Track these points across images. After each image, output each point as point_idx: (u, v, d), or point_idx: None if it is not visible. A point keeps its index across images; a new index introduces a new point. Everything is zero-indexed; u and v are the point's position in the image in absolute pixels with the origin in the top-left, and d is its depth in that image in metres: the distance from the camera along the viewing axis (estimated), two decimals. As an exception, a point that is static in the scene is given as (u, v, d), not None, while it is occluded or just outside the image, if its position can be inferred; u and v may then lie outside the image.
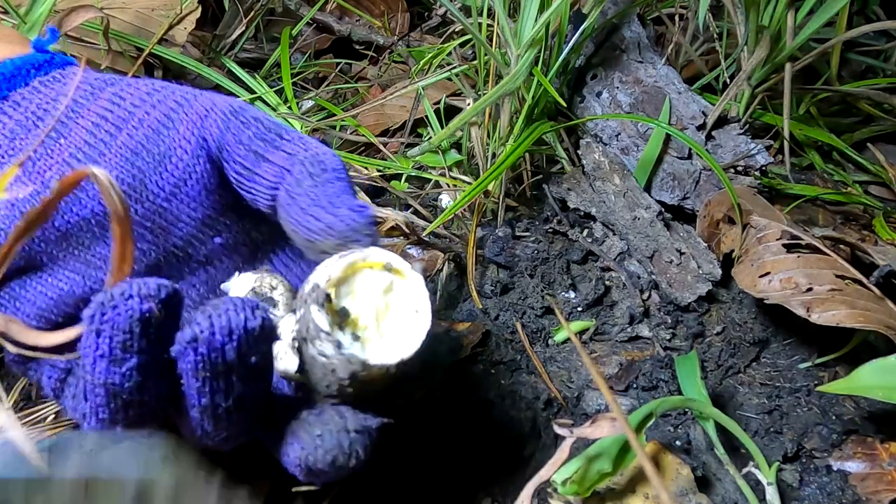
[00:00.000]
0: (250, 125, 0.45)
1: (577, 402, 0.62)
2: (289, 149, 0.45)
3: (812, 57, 0.85)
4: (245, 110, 0.46)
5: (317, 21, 1.21)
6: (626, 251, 0.74)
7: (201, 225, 0.47)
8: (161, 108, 0.46)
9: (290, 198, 0.43)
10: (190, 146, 0.45)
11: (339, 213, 0.42)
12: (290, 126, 0.48)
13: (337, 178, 0.43)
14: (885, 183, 0.94)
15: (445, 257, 0.73)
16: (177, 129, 0.45)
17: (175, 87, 0.48)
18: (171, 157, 0.45)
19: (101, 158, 0.44)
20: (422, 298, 0.40)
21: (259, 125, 0.46)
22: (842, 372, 0.65)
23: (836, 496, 0.56)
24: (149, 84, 0.48)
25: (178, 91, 0.47)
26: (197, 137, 0.45)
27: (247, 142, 0.45)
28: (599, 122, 0.83)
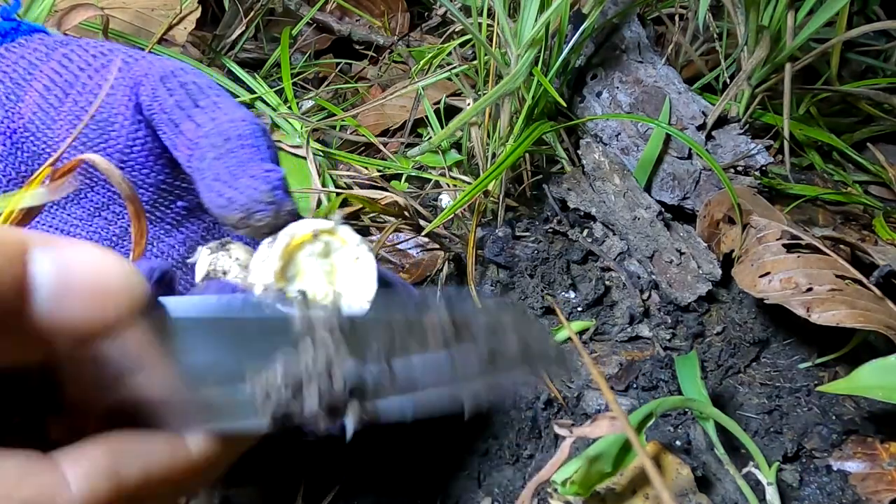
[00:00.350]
0: (174, 92, 0.44)
1: (577, 402, 0.62)
2: (199, 119, 0.42)
3: (812, 57, 0.85)
4: (175, 76, 0.44)
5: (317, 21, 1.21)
6: (626, 251, 0.74)
7: (159, 190, 0.46)
8: (103, 72, 0.45)
9: (197, 173, 0.41)
10: (129, 112, 0.44)
11: (239, 185, 0.39)
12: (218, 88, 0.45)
13: (241, 146, 0.41)
14: (885, 183, 0.94)
15: (445, 257, 0.73)
16: (115, 95, 0.44)
17: (120, 51, 0.47)
18: (113, 124, 0.44)
19: (53, 124, 0.44)
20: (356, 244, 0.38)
21: (182, 92, 0.44)
22: (842, 372, 0.65)
23: (836, 496, 0.55)
24: (97, 47, 0.47)
25: (122, 55, 0.46)
26: (134, 104, 0.44)
27: (168, 110, 0.43)
28: (599, 122, 0.83)
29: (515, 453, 0.57)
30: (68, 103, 0.45)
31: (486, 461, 0.57)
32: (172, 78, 0.45)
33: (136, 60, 0.46)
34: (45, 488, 0.22)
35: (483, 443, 0.58)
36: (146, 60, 0.46)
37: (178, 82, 0.44)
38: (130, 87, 0.45)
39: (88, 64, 0.46)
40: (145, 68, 0.45)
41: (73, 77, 0.45)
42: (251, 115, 0.44)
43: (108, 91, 0.44)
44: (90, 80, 0.45)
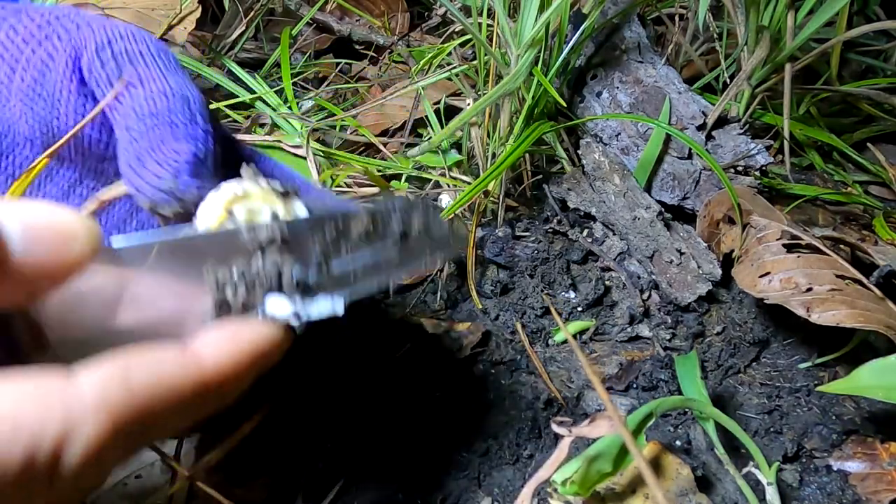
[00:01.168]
0: (106, 64, 0.41)
1: (577, 402, 0.62)
2: (122, 97, 0.40)
3: (812, 57, 0.85)
4: (110, 45, 0.42)
5: (317, 21, 1.21)
6: (626, 251, 0.74)
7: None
8: (46, 45, 0.43)
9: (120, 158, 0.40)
10: (73, 86, 0.42)
11: (145, 172, 0.37)
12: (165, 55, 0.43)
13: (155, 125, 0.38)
14: (885, 183, 0.94)
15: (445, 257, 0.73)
16: (57, 69, 0.42)
17: (65, 17, 0.44)
18: (59, 99, 0.42)
19: (7, 104, 0.43)
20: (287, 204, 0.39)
21: (112, 64, 0.41)
22: (842, 372, 0.65)
23: (836, 496, 0.55)
24: (44, 15, 0.44)
25: (64, 23, 0.43)
26: (78, 78, 0.42)
27: (102, 84, 0.41)
28: (599, 122, 0.83)
29: (515, 453, 0.57)
30: (16, 80, 0.42)
31: (486, 461, 0.57)
32: (106, 48, 0.42)
33: (77, 28, 0.43)
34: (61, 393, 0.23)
35: (483, 443, 0.58)
36: (88, 28, 0.43)
37: (110, 52, 0.42)
38: (72, 59, 0.42)
39: (32, 35, 0.43)
40: (85, 37, 0.42)
41: (18, 52, 0.43)
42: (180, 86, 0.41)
43: (51, 66, 0.42)
44: (34, 53, 0.43)
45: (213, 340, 0.29)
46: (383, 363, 0.62)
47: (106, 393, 0.24)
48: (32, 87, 0.42)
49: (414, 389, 0.61)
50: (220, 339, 0.29)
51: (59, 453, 0.23)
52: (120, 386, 0.25)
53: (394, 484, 0.54)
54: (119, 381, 0.25)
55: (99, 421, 0.24)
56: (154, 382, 0.26)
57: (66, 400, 0.23)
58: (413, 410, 0.60)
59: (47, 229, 0.26)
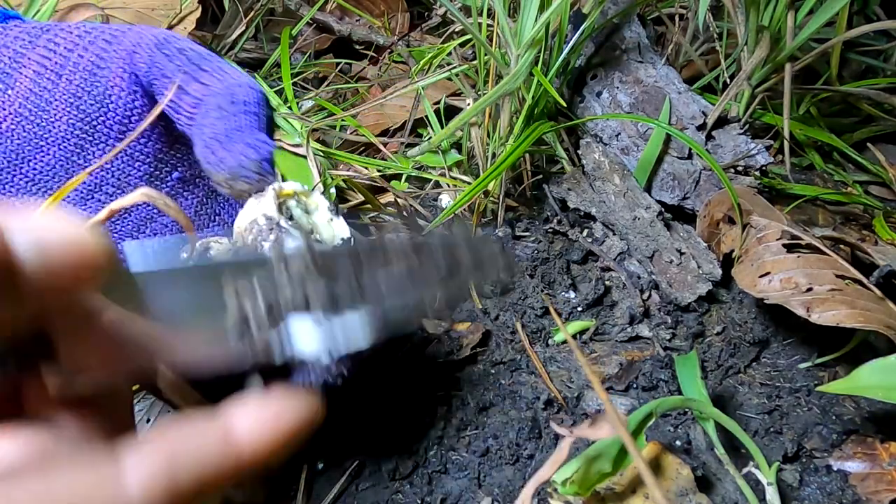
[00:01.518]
0: (174, 58, 0.45)
1: (577, 402, 0.62)
2: (205, 79, 0.44)
3: (812, 57, 0.85)
4: (171, 42, 0.46)
5: (317, 21, 1.21)
6: (626, 251, 0.74)
7: (155, 160, 0.47)
8: (93, 49, 0.46)
9: (198, 128, 0.43)
10: (125, 83, 0.45)
11: (233, 148, 0.41)
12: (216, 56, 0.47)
13: (244, 111, 0.42)
14: (885, 183, 0.94)
15: (445, 257, 0.73)
16: (109, 68, 0.45)
17: (105, 27, 0.48)
18: (110, 96, 0.45)
19: (48, 106, 0.45)
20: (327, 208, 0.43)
21: (183, 57, 0.45)
22: (842, 372, 0.65)
23: (836, 496, 0.55)
24: (80, 27, 0.47)
25: (108, 30, 0.47)
26: (129, 74, 0.45)
27: (170, 75, 0.45)
28: (599, 122, 0.83)
29: (515, 453, 0.57)
30: (62, 84, 0.45)
31: (486, 461, 0.57)
32: (168, 44, 0.45)
33: (123, 32, 0.46)
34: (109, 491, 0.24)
35: (483, 443, 0.58)
36: (134, 31, 0.46)
37: (175, 48, 0.45)
38: (124, 59, 0.45)
39: (76, 44, 0.46)
40: (136, 38, 0.46)
41: (63, 59, 0.46)
42: (255, 83, 0.45)
43: (102, 66, 0.45)
44: (81, 58, 0.45)
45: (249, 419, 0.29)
46: (383, 363, 0.62)
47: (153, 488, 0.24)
48: (82, 86, 0.45)
49: (414, 389, 0.61)
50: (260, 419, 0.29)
51: None
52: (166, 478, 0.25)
53: (394, 483, 0.54)
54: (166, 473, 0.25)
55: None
56: (198, 470, 0.26)
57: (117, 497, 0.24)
58: (413, 410, 0.60)
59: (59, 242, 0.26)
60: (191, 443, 0.26)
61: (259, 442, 0.28)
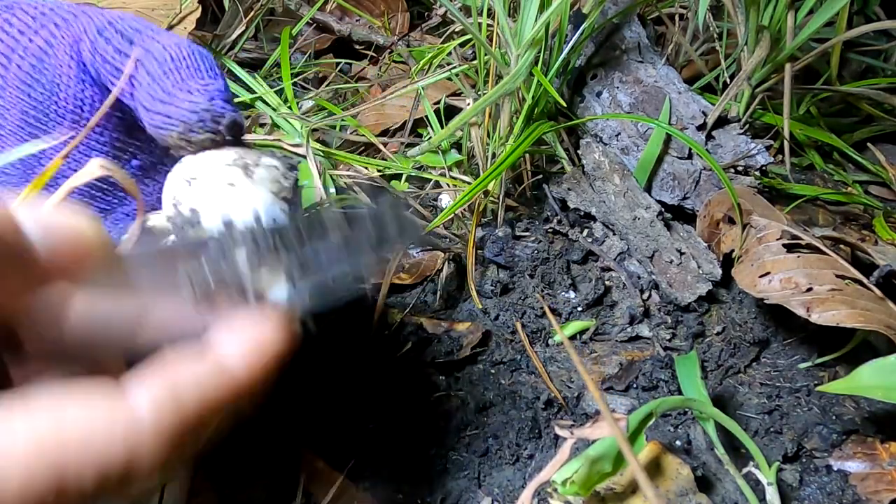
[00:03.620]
0: (111, 39, 0.43)
1: (577, 402, 0.62)
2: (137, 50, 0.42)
3: (812, 57, 0.85)
4: (112, 24, 0.44)
5: (317, 21, 1.21)
6: (626, 251, 0.74)
7: (113, 149, 0.46)
8: (42, 33, 0.44)
9: (137, 101, 0.41)
10: (73, 71, 0.44)
11: (175, 100, 0.39)
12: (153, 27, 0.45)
13: (177, 67, 0.40)
14: (885, 183, 0.94)
15: (445, 257, 0.73)
16: (56, 55, 0.44)
17: (62, 8, 0.45)
18: (58, 84, 0.44)
19: (2, 92, 0.44)
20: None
21: (118, 37, 0.43)
22: (842, 372, 0.65)
23: (836, 496, 0.56)
24: (37, 7, 0.45)
25: (60, 12, 0.45)
26: (77, 62, 0.44)
27: (110, 59, 0.43)
28: (599, 122, 0.83)
29: (515, 453, 0.57)
30: (13, 69, 0.43)
31: (486, 461, 0.57)
32: (109, 27, 0.43)
33: (75, 17, 0.44)
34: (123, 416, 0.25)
35: (483, 443, 0.58)
36: (85, 16, 0.44)
37: (114, 29, 0.43)
38: (71, 46, 0.43)
39: (28, 26, 0.44)
40: (84, 24, 0.44)
41: (13, 42, 0.44)
42: (188, 41, 0.43)
43: (49, 52, 0.44)
44: (31, 42, 0.44)
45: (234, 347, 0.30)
46: (383, 363, 0.62)
47: (161, 412, 0.26)
48: (31, 73, 0.44)
49: (414, 389, 0.61)
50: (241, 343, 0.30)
51: (128, 469, 0.24)
52: (171, 403, 0.26)
53: (394, 484, 0.54)
54: (170, 397, 0.26)
55: (158, 441, 0.25)
56: (199, 394, 0.27)
57: (127, 420, 0.25)
58: (413, 410, 0.60)
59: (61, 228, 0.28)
60: (188, 370, 0.28)
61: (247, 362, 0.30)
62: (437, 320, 0.68)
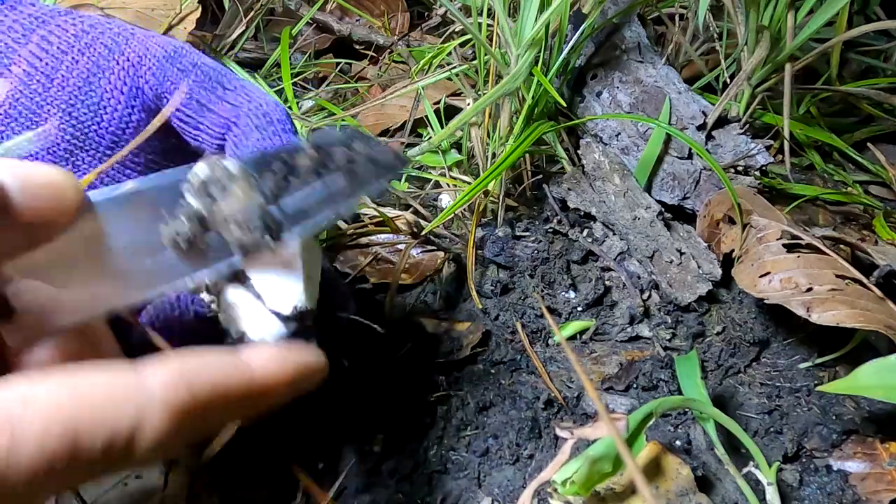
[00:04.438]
0: (189, 72, 0.44)
1: (577, 402, 0.62)
2: (232, 99, 0.43)
3: (812, 57, 0.85)
4: (182, 56, 0.44)
5: (317, 21, 1.21)
6: (626, 251, 0.74)
7: (146, 169, 0.47)
8: (90, 53, 0.44)
9: (238, 152, 0.43)
10: (123, 96, 0.44)
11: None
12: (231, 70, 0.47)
13: (283, 129, 0.43)
14: (885, 183, 0.94)
15: (445, 257, 0.73)
16: (108, 78, 0.44)
17: (106, 27, 0.45)
18: (105, 107, 0.44)
19: (39, 110, 0.44)
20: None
21: (199, 72, 0.44)
22: (842, 372, 0.65)
23: (836, 496, 0.56)
24: (79, 23, 0.45)
25: (109, 32, 0.45)
26: (129, 87, 0.44)
27: (188, 91, 0.43)
28: (599, 122, 0.83)
29: (515, 453, 0.57)
30: (54, 89, 0.43)
31: (486, 461, 0.57)
32: (180, 58, 0.44)
33: (127, 39, 0.44)
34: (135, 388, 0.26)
35: (483, 443, 0.58)
36: (138, 39, 0.45)
37: (188, 62, 0.44)
38: (125, 70, 0.44)
39: (71, 45, 0.44)
40: (141, 48, 0.44)
41: (55, 61, 0.44)
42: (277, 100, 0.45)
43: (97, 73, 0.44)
44: (76, 63, 0.44)
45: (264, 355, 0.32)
46: (383, 363, 0.62)
47: (171, 392, 0.27)
48: (75, 94, 0.44)
49: (414, 389, 0.61)
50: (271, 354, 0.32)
51: (131, 440, 0.26)
52: (183, 387, 0.27)
53: (394, 484, 0.54)
54: (183, 382, 0.28)
55: (165, 415, 0.27)
56: (213, 383, 0.29)
57: (139, 393, 0.26)
58: (413, 410, 0.60)
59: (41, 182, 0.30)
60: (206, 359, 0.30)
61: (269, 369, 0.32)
62: (437, 320, 0.68)
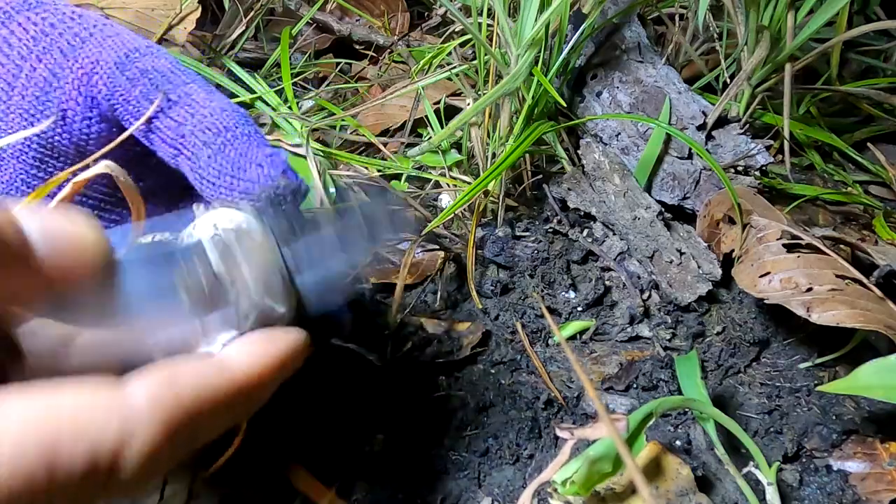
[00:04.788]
0: (137, 82, 0.41)
1: (577, 402, 0.62)
2: (176, 115, 0.41)
3: (812, 57, 0.85)
4: (133, 61, 0.42)
5: (317, 21, 1.21)
6: (626, 251, 0.74)
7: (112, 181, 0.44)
8: (47, 60, 0.42)
9: (195, 173, 0.41)
10: (79, 107, 0.42)
11: (249, 176, 0.39)
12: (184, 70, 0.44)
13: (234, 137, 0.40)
14: (885, 183, 0.94)
15: (445, 257, 0.73)
16: (63, 87, 0.42)
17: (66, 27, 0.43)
18: (64, 118, 0.42)
19: (5, 117, 0.42)
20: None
21: (145, 81, 0.41)
22: (842, 372, 0.65)
23: (836, 496, 0.55)
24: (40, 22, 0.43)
25: (66, 34, 0.42)
26: (84, 97, 0.42)
27: (135, 103, 0.41)
28: (599, 122, 0.83)
29: (515, 453, 0.57)
30: (16, 97, 0.42)
31: (486, 461, 0.57)
32: (129, 64, 0.42)
33: (83, 42, 0.42)
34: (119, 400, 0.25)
35: (483, 443, 0.58)
36: (94, 40, 0.42)
37: (137, 69, 0.42)
38: (80, 79, 0.42)
39: (30, 50, 0.42)
40: (95, 52, 0.42)
41: (15, 68, 0.42)
42: (228, 101, 0.42)
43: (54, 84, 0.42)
44: (34, 70, 0.42)
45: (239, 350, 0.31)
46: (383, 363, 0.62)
47: (157, 401, 0.26)
48: (35, 103, 0.42)
49: (414, 389, 0.61)
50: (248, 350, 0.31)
51: (117, 457, 0.24)
52: (169, 393, 0.26)
53: (394, 484, 0.54)
54: (168, 388, 0.26)
55: (153, 427, 0.25)
56: (197, 389, 0.28)
57: (122, 407, 0.25)
58: (413, 410, 0.60)
59: (63, 233, 0.29)
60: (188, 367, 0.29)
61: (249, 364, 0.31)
62: (437, 320, 0.68)
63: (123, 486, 0.25)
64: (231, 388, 0.29)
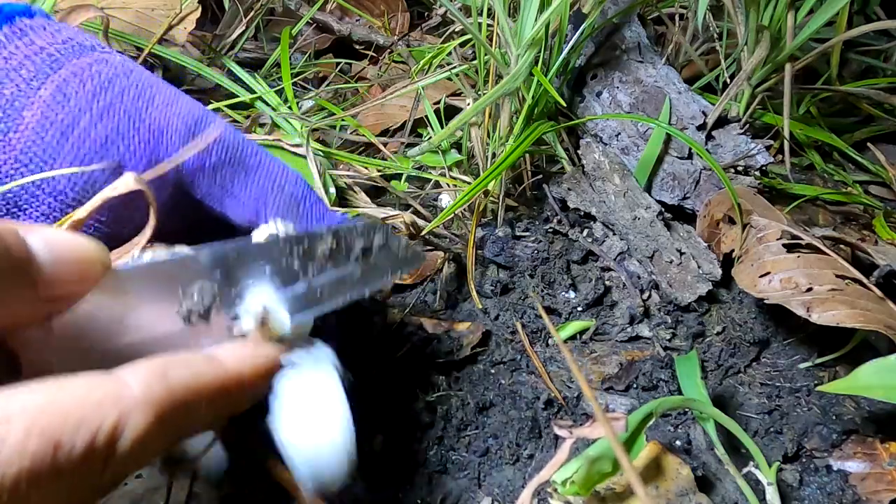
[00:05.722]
0: (210, 149, 0.43)
1: (577, 402, 0.62)
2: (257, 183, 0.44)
3: (812, 57, 0.85)
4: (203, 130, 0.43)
5: (317, 21, 1.21)
6: (626, 251, 0.74)
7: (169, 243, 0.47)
8: (108, 120, 0.41)
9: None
10: (141, 166, 0.42)
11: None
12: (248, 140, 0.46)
13: (311, 204, 0.46)
14: (885, 183, 0.94)
15: (445, 257, 0.73)
16: (127, 146, 0.42)
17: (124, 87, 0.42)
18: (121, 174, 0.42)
19: (52, 162, 0.41)
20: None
21: (219, 149, 0.43)
22: (842, 372, 0.65)
23: (836, 496, 0.56)
24: (96, 76, 0.42)
25: (128, 95, 0.42)
26: (149, 158, 0.42)
27: (209, 171, 0.43)
28: (599, 122, 0.83)
29: (515, 453, 0.57)
30: (67, 147, 0.40)
31: (486, 461, 0.57)
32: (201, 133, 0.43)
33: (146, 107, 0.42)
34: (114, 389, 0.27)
35: (483, 443, 0.58)
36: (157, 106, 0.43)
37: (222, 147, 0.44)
38: (145, 141, 0.42)
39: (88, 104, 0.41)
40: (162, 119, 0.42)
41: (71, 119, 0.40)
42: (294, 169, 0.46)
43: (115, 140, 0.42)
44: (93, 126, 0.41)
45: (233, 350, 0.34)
46: (383, 363, 0.62)
47: (150, 388, 0.28)
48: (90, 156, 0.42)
49: (414, 389, 0.61)
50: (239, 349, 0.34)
51: (114, 441, 0.26)
52: (161, 382, 0.28)
53: (394, 484, 0.54)
54: (160, 377, 0.28)
55: (146, 412, 0.27)
56: (188, 379, 0.30)
57: (118, 394, 0.27)
58: (413, 410, 0.60)
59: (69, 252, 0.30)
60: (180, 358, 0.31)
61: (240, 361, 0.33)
62: (437, 320, 0.68)
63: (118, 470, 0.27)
64: (221, 381, 0.31)
